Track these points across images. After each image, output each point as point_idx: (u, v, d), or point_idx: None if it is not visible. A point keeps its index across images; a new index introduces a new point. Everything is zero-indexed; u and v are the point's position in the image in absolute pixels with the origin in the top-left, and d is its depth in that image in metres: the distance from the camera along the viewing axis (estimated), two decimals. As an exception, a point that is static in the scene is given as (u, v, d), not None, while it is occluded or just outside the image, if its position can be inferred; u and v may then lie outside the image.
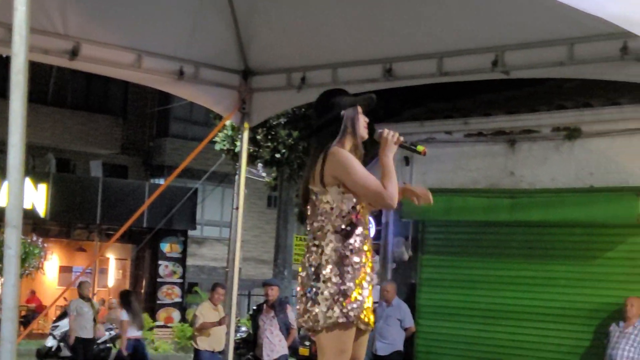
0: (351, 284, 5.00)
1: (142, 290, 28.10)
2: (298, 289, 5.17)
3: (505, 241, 13.52)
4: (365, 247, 5.12)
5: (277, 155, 24.10)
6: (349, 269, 5.02)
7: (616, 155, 12.92)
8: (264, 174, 28.19)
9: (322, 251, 5.06)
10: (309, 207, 5.22)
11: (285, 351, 14.44)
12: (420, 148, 5.34)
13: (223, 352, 14.37)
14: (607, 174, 12.95)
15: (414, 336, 14.62)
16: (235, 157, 24.63)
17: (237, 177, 26.12)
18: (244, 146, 9.79)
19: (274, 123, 23.28)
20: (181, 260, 27.96)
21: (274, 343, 14.18)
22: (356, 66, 8.86)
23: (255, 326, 14.60)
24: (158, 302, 27.18)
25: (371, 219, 16.66)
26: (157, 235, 27.09)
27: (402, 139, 5.21)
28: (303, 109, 22.54)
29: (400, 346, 14.33)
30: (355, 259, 5.04)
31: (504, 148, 13.81)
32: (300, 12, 8.53)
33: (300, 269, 5.19)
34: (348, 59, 8.81)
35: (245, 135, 9.77)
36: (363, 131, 5.25)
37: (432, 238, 15.01)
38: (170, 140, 36.00)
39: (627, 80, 7.59)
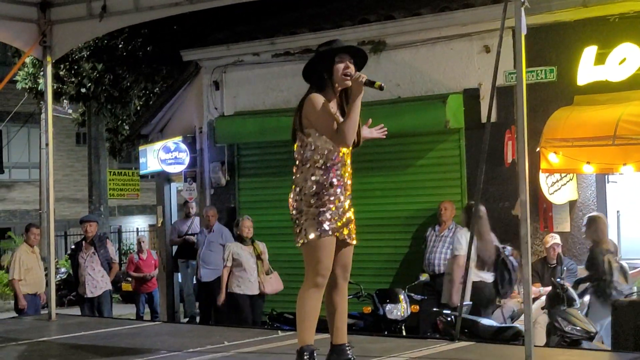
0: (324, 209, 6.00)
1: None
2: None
3: (320, 157, 13.65)
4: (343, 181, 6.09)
5: (83, 90, 23.46)
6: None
7: (420, 65, 13.22)
8: (70, 111, 27.47)
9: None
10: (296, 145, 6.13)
11: (109, 286, 14.29)
12: (377, 84, 5.95)
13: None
14: (413, 84, 13.26)
15: (237, 259, 14.67)
16: (39, 95, 23.89)
17: (43, 115, 25.49)
18: (48, 80, 9.49)
19: (77, 57, 22.63)
20: (-9, 206, 27.12)
21: (97, 279, 14.00)
22: (158, -9, 8.70)
23: (76, 264, 14.35)
24: (-30, 250, 26.34)
25: (186, 146, 16.61)
26: (-38, 182, 26.15)
27: (365, 77, 5.91)
28: (105, 40, 21.99)
29: (224, 271, 14.38)
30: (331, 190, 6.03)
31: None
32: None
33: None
34: (150, -17, 8.64)
35: (49, 69, 9.47)
36: (339, 80, 6.04)
37: (247, 161, 15.05)
38: (-33, 83, 34.60)
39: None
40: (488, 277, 10.92)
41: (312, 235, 5.98)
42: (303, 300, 6.01)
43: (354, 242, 6.24)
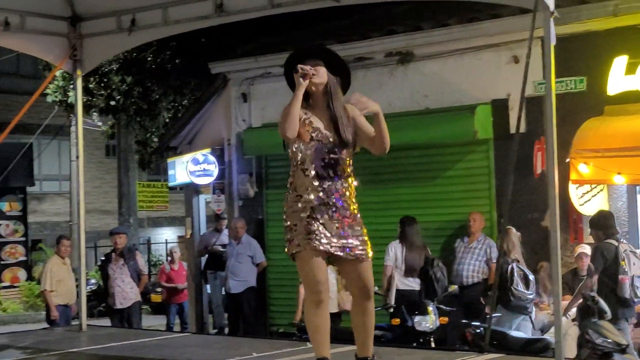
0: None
1: (-16, 253, 27.28)
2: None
3: (348, 169, 13.64)
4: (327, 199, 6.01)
5: (112, 103, 23.62)
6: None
7: (448, 76, 13.18)
8: (99, 123, 27.64)
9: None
10: None
11: (138, 298, 14.38)
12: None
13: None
14: (441, 95, 13.22)
15: (265, 271, 14.71)
16: (69, 108, 24.07)
17: (73, 127, 25.67)
18: (78, 94, 9.57)
19: (106, 70, 22.79)
20: (22, 218, 27.24)
21: (126, 291, 14.09)
22: (186, 4, 8.77)
23: (105, 276, 14.45)
24: (2, 262, 26.45)
25: (214, 158, 16.65)
26: (-7, 194, 26.29)
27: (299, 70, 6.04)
28: (134, 53, 22.12)
29: (253, 282, 14.42)
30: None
31: (339, 77, 13.87)
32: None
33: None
34: (178, -3, 8.71)
35: (79, 82, 9.56)
36: (302, 82, 6.10)
37: (275, 172, 15.06)
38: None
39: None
40: (414, 284, 11.71)
41: (288, 249, 6.07)
42: (306, 318, 5.95)
43: (368, 258, 6.02)
